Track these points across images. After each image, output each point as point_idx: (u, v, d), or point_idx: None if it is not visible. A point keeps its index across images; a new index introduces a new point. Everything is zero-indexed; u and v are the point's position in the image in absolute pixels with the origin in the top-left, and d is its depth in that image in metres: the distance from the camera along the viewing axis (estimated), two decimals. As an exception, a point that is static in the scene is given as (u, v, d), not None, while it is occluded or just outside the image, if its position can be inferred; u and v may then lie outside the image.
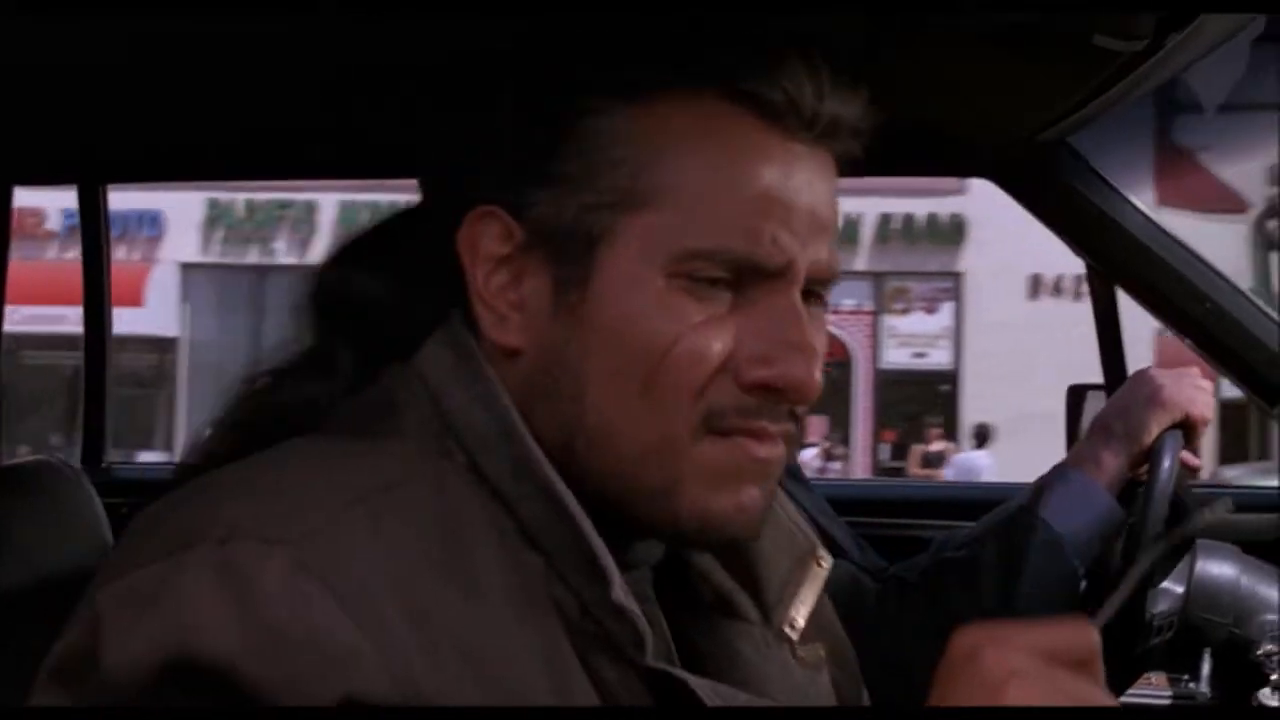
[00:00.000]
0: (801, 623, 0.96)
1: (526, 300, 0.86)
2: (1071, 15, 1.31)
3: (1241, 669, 1.73)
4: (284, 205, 14.77)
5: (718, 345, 0.82)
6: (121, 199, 8.73)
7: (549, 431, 0.84)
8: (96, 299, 2.67)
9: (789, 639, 0.95)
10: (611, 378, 0.83)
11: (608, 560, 0.81)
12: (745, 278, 0.83)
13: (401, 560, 0.76)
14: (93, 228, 2.65)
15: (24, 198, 2.49)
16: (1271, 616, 1.73)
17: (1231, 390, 2.11)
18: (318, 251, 15.22)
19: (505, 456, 0.83)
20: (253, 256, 14.79)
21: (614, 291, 0.83)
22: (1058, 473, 1.70)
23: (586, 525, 0.82)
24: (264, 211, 14.82)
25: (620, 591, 0.81)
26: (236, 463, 0.84)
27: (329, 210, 14.81)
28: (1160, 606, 1.66)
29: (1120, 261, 2.06)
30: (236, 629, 0.70)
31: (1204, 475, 1.77)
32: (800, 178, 0.84)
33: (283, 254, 14.92)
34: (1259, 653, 1.71)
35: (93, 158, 2.46)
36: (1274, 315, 2.08)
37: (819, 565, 0.97)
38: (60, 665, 0.73)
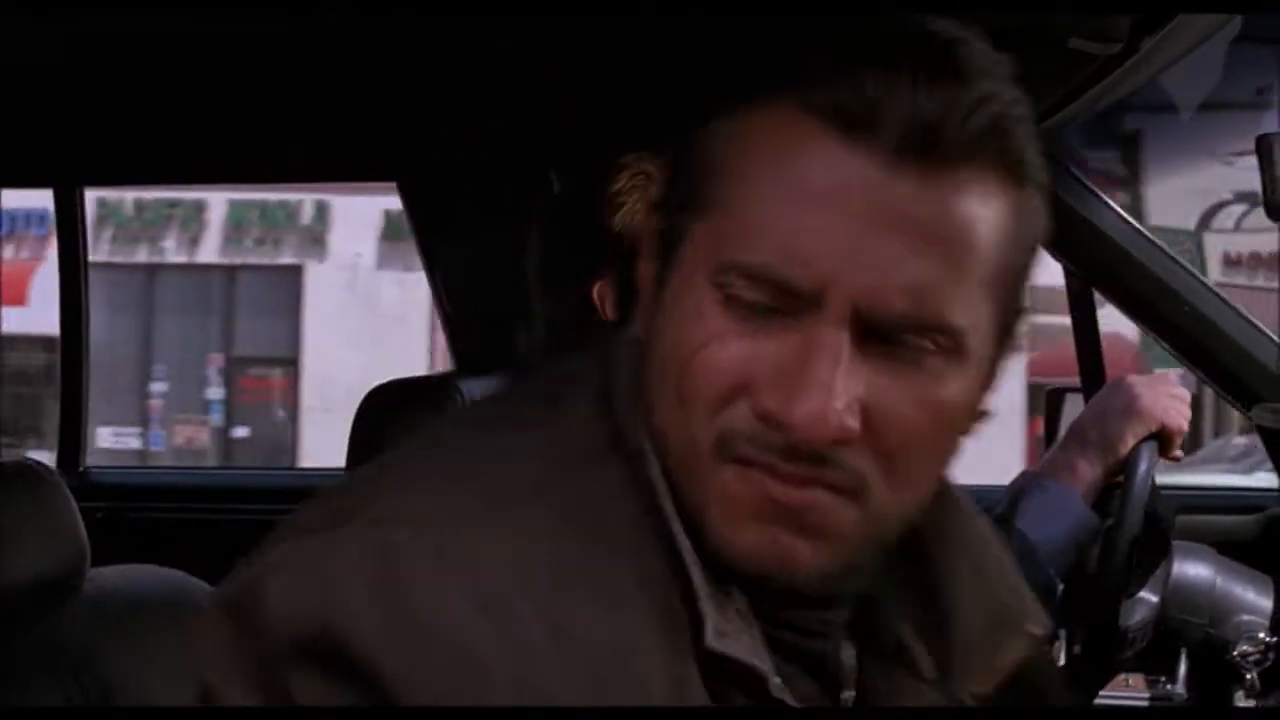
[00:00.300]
0: (983, 691, 0.88)
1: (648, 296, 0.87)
2: (1048, 18, 1.32)
3: (1217, 669, 1.74)
4: (173, 204, 14.69)
5: (738, 363, 0.77)
6: (8, 198, 8.59)
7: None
8: (74, 303, 2.66)
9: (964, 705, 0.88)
10: (660, 380, 0.81)
11: (705, 605, 0.78)
12: (785, 300, 0.76)
13: (547, 560, 0.76)
14: (69, 230, 2.64)
15: None
16: (1247, 617, 1.74)
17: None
18: (207, 250, 15.28)
19: (645, 478, 0.81)
20: (142, 255, 14.69)
21: (673, 293, 0.81)
22: (1033, 480, 1.70)
23: (695, 571, 0.79)
24: (153, 210, 14.66)
25: (712, 636, 0.78)
26: (419, 439, 0.86)
27: (218, 209, 14.77)
28: (1136, 617, 1.66)
29: (1099, 266, 2.07)
30: (374, 612, 0.72)
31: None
32: (874, 199, 0.75)
33: (172, 253, 14.85)
34: (1234, 653, 1.71)
35: (69, 160, 2.46)
36: (1248, 316, 2.09)
37: (1023, 635, 0.90)
38: (231, 599, 0.76)
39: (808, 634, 0.85)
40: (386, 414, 1.93)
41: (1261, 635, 1.72)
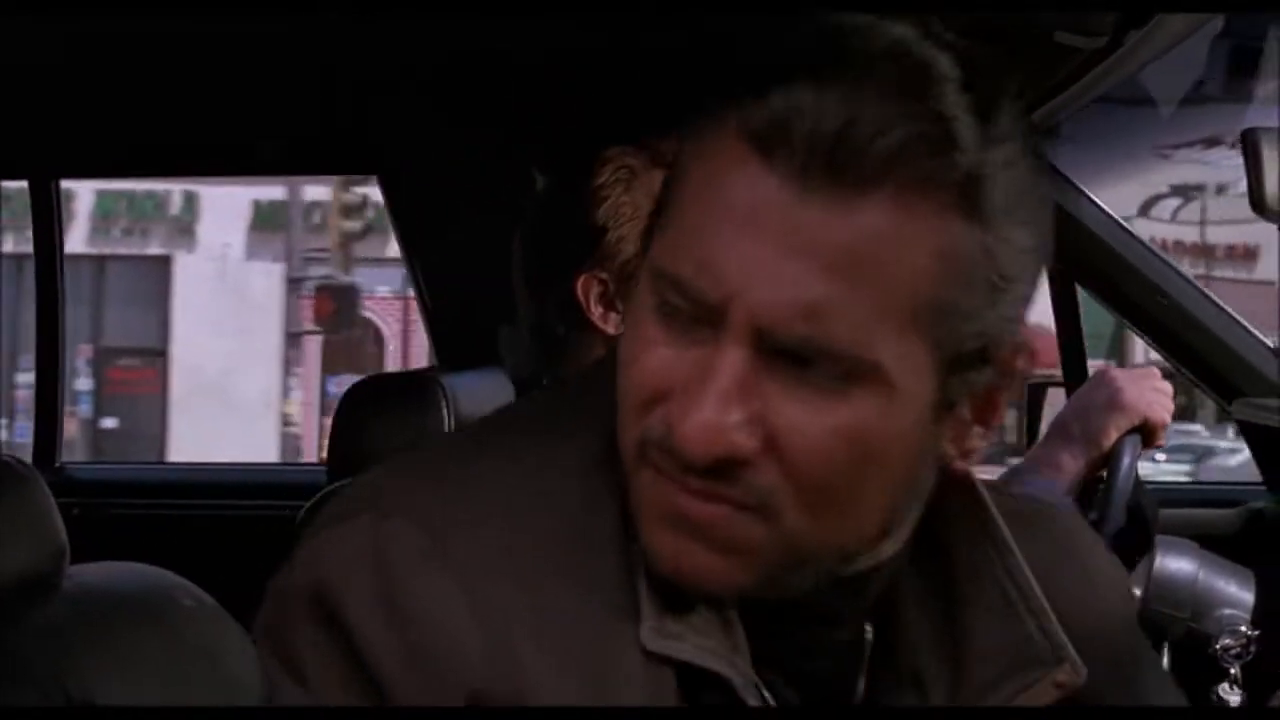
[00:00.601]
0: None
1: None
2: (1034, 13, 1.32)
3: (1200, 663, 1.74)
4: (39, 195, 14.71)
5: (661, 370, 0.78)
6: None
7: None
8: (51, 298, 2.64)
9: None
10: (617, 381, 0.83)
11: (646, 606, 0.80)
12: (701, 312, 0.77)
13: (526, 555, 0.80)
14: (45, 223, 2.63)
15: None
16: (1229, 611, 1.74)
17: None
18: (75, 241, 15.17)
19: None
20: (9, 245, 14.54)
21: (633, 297, 0.82)
22: (1017, 475, 1.71)
23: (640, 571, 0.80)
24: (19, 200, 14.47)
25: (649, 636, 0.79)
26: (448, 438, 0.90)
27: (85, 199, 14.72)
28: None
29: (1080, 259, 2.07)
30: (369, 599, 0.78)
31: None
32: (780, 219, 0.74)
33: (41, 243, 14.83)
34: (1216, 647, 1.72)
35: (45, 152, 2.44)
36: (1230, 311, 2.10)
37: (1048, 683, 0.84)
38: (276, 579, 0.83)
39: (806, 652, 0.85)
40: (368, 409, 1.93)
41: (1243, 629, 1.72)
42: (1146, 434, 1.69)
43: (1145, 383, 1.71)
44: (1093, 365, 1.97)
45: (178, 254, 14.50)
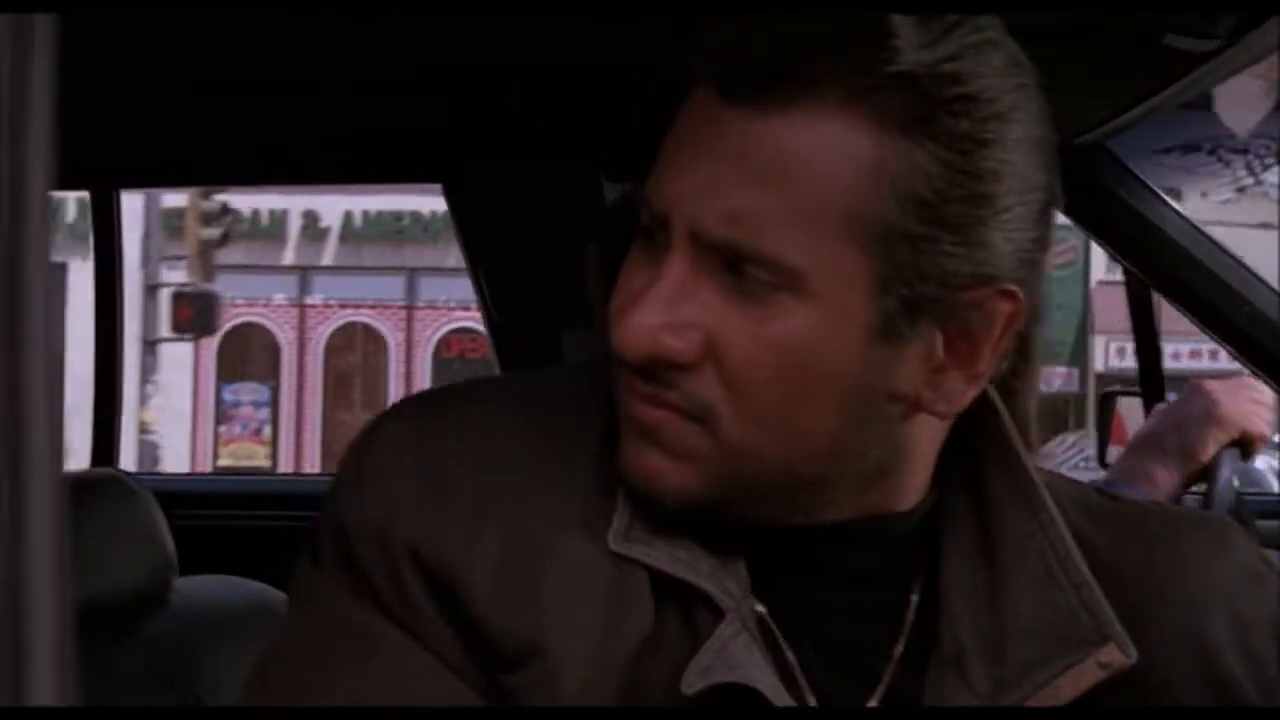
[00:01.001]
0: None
1: None
2: (1149, 14, 1.29)
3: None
4: (-58, 201, 14.72)
5: (630, 288, 0.82)
6: None
7: None
8: (109, 303, 2.63)
9: None
10: None
11: (620, 511, 0.83)
12: (659, 227, 0.81)
13: (505, 457, 0.84)
14: (106, 232, 2.62)
15: None
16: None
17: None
18: None
19: None
20: None
21: None
22: (1108, 487, 1.68)
23: (606, 468, 0.84)
24: None
25: (613, 535, 0.82)
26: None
27: None
28: None
29: (1159, 266, 2.04)
30: (350, 483, 0.85)
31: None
32: (710, 132, 0.79)
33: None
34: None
35: (106, 162, 2.43)
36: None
37: (1092, 661, 0.82)
38: None
39: (828, 612, 0.85)
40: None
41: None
42: (1245, 446, 1.66)
43: (1243, 394, 1.69)
44: (1056, 372, 1.93)
45: (73, 261, 14.52)
